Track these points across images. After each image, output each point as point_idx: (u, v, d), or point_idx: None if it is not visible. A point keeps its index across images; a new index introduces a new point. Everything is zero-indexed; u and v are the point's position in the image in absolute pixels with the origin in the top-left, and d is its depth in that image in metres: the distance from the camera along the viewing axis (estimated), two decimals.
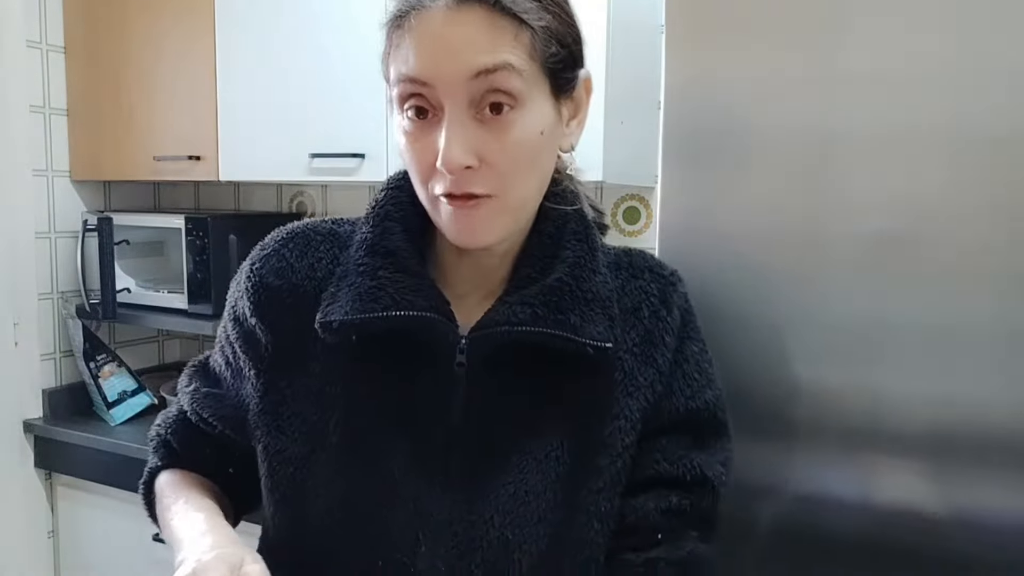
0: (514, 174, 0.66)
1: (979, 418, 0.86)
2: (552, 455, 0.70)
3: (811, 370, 0.93)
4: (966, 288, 0.86)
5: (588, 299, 0.71)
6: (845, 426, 0.92)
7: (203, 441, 0.81)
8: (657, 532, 0.71)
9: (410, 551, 0.68)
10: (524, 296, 0.70)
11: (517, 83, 0.64)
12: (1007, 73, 0.83)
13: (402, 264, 0.71)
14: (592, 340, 0.69)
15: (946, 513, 0.68)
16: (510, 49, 0.63)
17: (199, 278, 2.00)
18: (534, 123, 0.66)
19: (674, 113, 0.99)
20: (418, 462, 0.70)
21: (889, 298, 0.89)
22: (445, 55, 0.63)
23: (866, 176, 0.90)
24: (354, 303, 0.69)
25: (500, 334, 0.69)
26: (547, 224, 0.75)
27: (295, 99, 1.86)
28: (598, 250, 0.76)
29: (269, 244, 0.77)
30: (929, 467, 0.88)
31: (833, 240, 0.92)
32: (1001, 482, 0.85)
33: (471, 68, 0.62)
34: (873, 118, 0.89)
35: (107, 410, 2.12)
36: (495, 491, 0.69)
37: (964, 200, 0.85)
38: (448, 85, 0.63)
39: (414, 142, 0.67)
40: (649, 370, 0.74)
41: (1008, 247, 0.84)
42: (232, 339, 0.78)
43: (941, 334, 0.87)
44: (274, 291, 0.74)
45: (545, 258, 0.73)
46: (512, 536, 0.68)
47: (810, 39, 0.92)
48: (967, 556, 0.84)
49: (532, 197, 0.71)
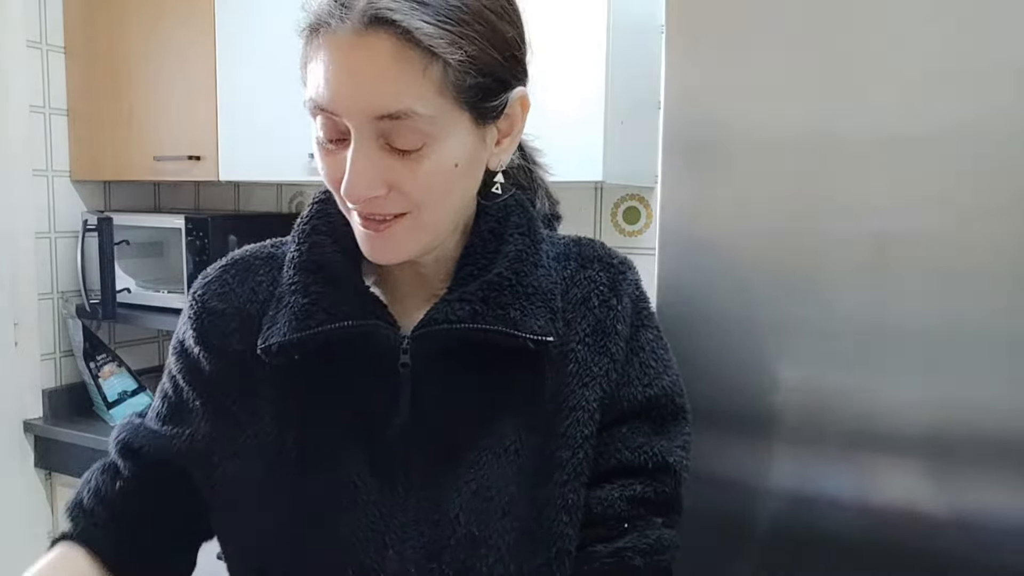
0: (427, 200, 0.65)
1: (978, 419, 0.86)
2: (511, 449, 0.70)
3: (811, 370, 0.93)
4: (965, 289, 0.86)
5: (529, 293, 0.71)
6: (844, 427, 0.92)
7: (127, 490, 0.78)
8: (623, 522, 0.71)
9: (379, 556, 0.68)
10: (464, 293, 0.70)
11: (424, 125, 0.61)
12: (1006, 73, 0.83)
13: (333, 276, 0.71)
14: (532, 334, 0.69)
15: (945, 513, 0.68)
16: (415, 90, 0.60)
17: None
18: (448, 156, 0.64)
19: (674, 113, 0.99)
20: (377, 467, 0.70)
21: (889, 298, 0.89)
22: (348, 89, 0.61)
23: (866, 177, 0.90)
24: (291, 323, 0.69)
25: (439, 332, 0.69)
26: (488, 220, 0.74)
27: (295, 99, 1.85)
28: (542, 243, 0.75)
29: (210, 272, 0.78)
30: (928, 467, 0.88)
31: (833, 240, 0.92)
32: (1000, 482, 0.85)
33: (373, 110, 0.60)
34: (873, 119, 0.89)
35: (107, 410, 2.12)
36: (457, 489, 0.69)
37: (964, 201, 0.85)
38: (352, 119, 0.61)
39: (326, 156, 0.66)
40: (603, 359, 0.73)
41: (1007, 247, 0.84)
42: (176, 373, 0.77)
43: (940, 335, 0.87)
44: (217, 315, 0.74)
45: (487, 254, 0.72)
46: (478, 532, 0.68)
47: (810, 40, 0.92)
48: (966, 556, 0.84)
49: (448, 219, 0.69)
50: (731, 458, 0.74)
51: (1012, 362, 0.84)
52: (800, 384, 0.95)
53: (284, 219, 2.29)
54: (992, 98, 0.84)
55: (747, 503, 0.97)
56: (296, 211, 2.33)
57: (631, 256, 0.84)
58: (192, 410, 0.75)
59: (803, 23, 0.92)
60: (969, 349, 0.86)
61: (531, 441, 0.71)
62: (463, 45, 0.61)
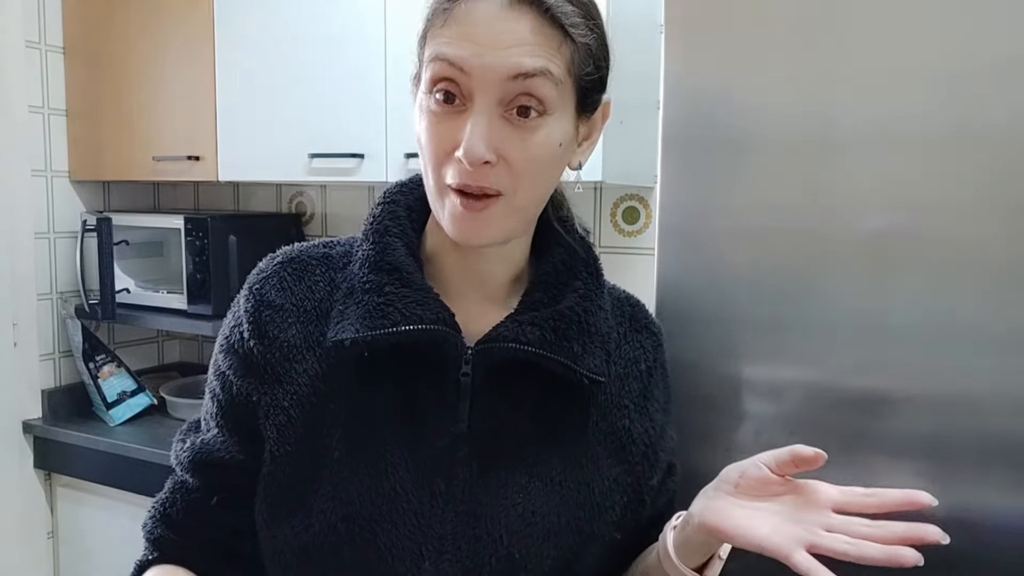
0: (528, 176, 0.67)
1: (979, 417, 0.86)
2: (557, 480, 0.73)
3: (811, 369, 0.93)
4: (966, 287, 0.86)
5: (591, 332, 0.74)
6: (844, 426, 0.92)
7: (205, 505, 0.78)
8: None
9: (414, 566, 0.68)
10: (535, 317, 0.72)
11: (551, 91, 0.65)
12: (1007, 71, 0.83)
13: (407, 279, 0.72)
14: (590, 372, 0.72)
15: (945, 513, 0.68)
16: (552, 58, 0.64)
17: (199, 278, 1.99)
18: (556, 133, 0.67)
19: (673, 113, 0.99)
20: (420, 475, 0.70)
21: (889, 297, 0.89)
22: (490, 48, 0.63)
23: (866, 175, 0.89)
24: (363, 320, 0.70)
25: (507, 350, 0.70)
26: (560, 252, 0.77)
27: (294, 99, 1.86)
28: (604, 287, 0.79)
29: (267, 268, 0.77)
30: (928, 467, 0.88)
31: (833, 239, 0.92)
32: (1001, 482, 0.85)
33: (512, 68, 0.63)
34: (873, 117, 0.89)
35: (106, 410, 2.12)
36: (504, 510, 0.70)
37: (964, 199, 0.85)
38: (484, 78, 0.63)
39: (437, 124, 0.66)
40: (646, 422, 0.79)
41: (1007, 246, 0.84)
42: (226, 370, 0.76)
43: (941, 333, 0.87)
44: (276, 308, 0.74)
45: (558, 284, 0.75)
46: (519, 555, 0.69)
47: (810, 38, 0.92)
48: (967, 556, 0.84)
49: (536, 204, 0.72)
50: (730, 458, 0.74)
51: (1013, 362, 0.84)
52: (800, 383, 0.95)
53: (284, 219, 2.30)
54: (993, 98, 0.83)
55: None
56: (296, 211, 2.33)
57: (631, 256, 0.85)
58: (247, 406, 0.74)
59: (803, 23, 0.92)
60: (970, 349, 0.86)
61: (575, 476, 0.74)
62: (589, 35, 0.67)
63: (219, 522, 0.77)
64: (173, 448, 0.81)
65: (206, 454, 0.76)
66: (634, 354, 0.80)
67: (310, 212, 2.31)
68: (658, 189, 1.02)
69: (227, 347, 0.76)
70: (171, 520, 0.79)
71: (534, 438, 0.73)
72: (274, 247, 0.81)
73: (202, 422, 0.80)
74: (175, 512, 0.78)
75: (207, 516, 0.77)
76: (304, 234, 2.29)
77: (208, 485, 0.77)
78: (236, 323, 0.76)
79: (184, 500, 0.78)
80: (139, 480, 1.93)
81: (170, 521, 0.79)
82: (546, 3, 0.64)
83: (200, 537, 0.78)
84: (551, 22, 0.64)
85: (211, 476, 0.77)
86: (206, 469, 0.77)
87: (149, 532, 0.80)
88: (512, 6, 0.63)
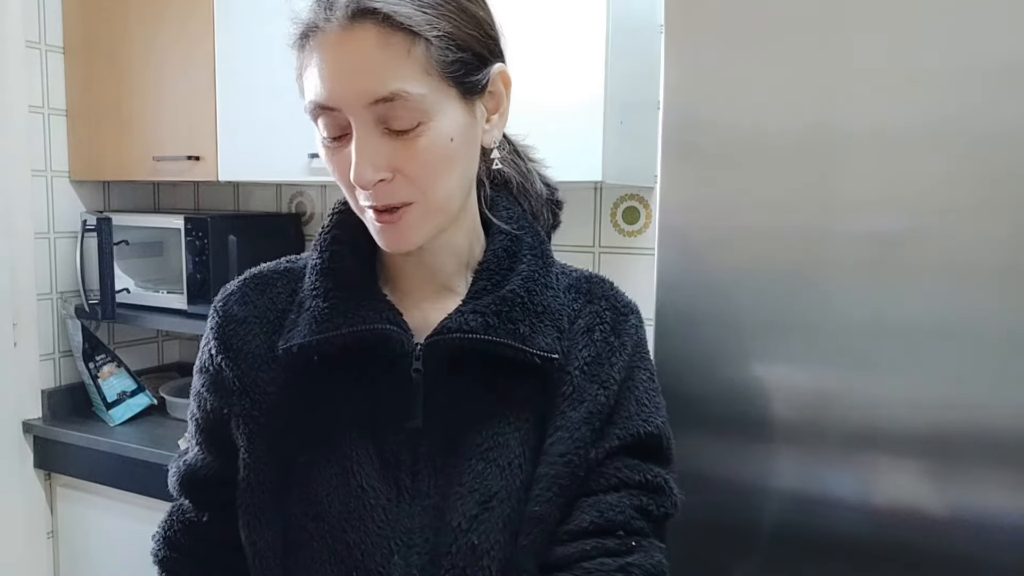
0: (430, 180, 0.68)
1: (979, 417, 0.86)
2: (515, 463, 0.72)
3: (811, 370, 0.93)
4: (966, 287, 0.86)
5: (539, 311, 0.74)
6: (845, 426, 0.92)
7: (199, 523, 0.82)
8: (633, 535, 0.72)
9: (384, 561, 0.70)
10: (478, 306, 0.73)
11: (416, 105, 0.64)
12: (1007, 71, 0.83)
13: (351, 282, 0.75)
14: (540, 351, 0.72)
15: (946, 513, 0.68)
16: (403, 71, 0.64)
17: (198, 278, 2.00)
18: (444, 131, 0.67)
19: (673, 113, 0.99)
20: (385, 471, 0.72)
21: (889, 297, 0.89)
22: (342, 82, 0.64)
23: (865, 175, 0.89)
24: (311, 325, 0.72)
25: (451, 341, 0.71)
26: (502, 239, 0.78)
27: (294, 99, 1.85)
28: (552, 266, 0.79)
29: (231, 287, 0.81)
30: (929, 467, 0.88)
31: (832, 239, 0.92)
32: (1002, 482, 0.85)
33: (366, 96, 0.64)
34: (872, 117, 0.89)
35: (106, 410, 2.12)
36: (461, 498, 0.70)
37: (964, 199, 0.85)
38: (350, 109, 0.65)
39: (332, 157, 0.69)
40: (594, 387, 0.75)
41: (1008, 245, 0.84)
42: (201, 390, 0.79)
43: (941, 333, 0.87)
44: (240, 321, 0.77)
45: (501, 271, 0.76)
46: (478, 541, 0.70)
47: (810, 39, 0.92)
48: (967, 556, 0.84)
49: (455, 196, 0.72)
50: (730, 458, 0.74)
51: (1014, 362, 0.84)
52: (800, 383, 0.95)
53: (284, 219, 2.30)
54: (994, 99, 0.83)
55: (747, 503, 0.97)
56: (296, 211, 2.33)
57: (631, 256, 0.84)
58: (221, 420, 0.77)
59: (803, 22, 0.92)
60: (970, 348, 0.86)
61: (530, 457, 0.73)
62: (440, 24, 0.65)
63: (215, 538, 0.81)
64: (170, 470, 0.84)
65: (190, 474, 0.81)
66: (588, 323, 0.78)
67: (310, 212, 2.31)
68: (658, 189, 1.02)
69: (200, 367, 0.80)
70: (173, 542, 0.83)
71: (490, 424, 0.73)
72: (274, 247, 0.83)
73: (186, 444, 0.84)
74: (174, 534, 0.83)
75: (203, 534, 0.82)
76: (304, 234, 2.29)
77: (198, 503, 0.82)
78: (206, 343, 0.80)
79: (180, 521, 0.83)
80: (139, 480, 1.93)
81: (172, 543, 0.83)
82: (382, 11, 0.63)
83: (201, 555, 0.82)
84: (393, 29, 0.63)
85: (199, 494, 0.81)
86: (194, 488, 0.81)
87: (155, 555, 0.84)
88: (352, 26, 0.63)
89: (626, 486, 0.74)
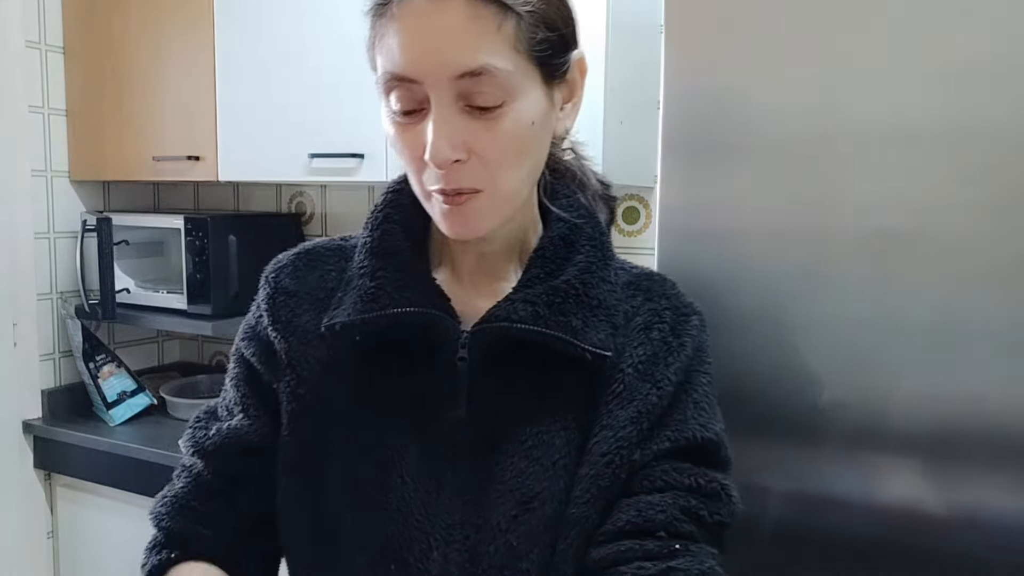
0: (504, 166, 0.65)
1: (982, 416, 0.85)
2: (559, 464, 0.68)
3: (812, 369, 0.93)
4: (968, 286, 0.86)
5: (593, 305, 0.70)
6: (846, 425, 0.92)
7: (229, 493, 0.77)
8: (676, 539, 0.66)
9: (423, 556, 0.67)
10: (528, 295, 0.69)
11: (502, 82, 0.62)
12: (1008, 70, 0.83)
13: (401, 263, 0.72)
14: (592, 346, 0.68)
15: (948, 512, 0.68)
16: (492, 46, 0.61)
17: (198, 278, 1.99)
18: (525, 114, 0.64)
19: (673, 113, 0.99)
20: (427, 464, 0.69)
21: (890, 296, 0.89)
22: (426, 53, 0.61)
23: (866, 175, 0.89)
24: (355, 305, 0.70)
25: (499, 330, 0.68)
26: (560, 227, 0.74)
27: (294, 99, 1.86)
28: (611, 259, 0.76)
29: (283, 258, 0.79)
30: (932, 466, 0.88)
31: (833, 239, 0.92)
32: (1004, 481, 0.85)
33: (452, 69, 0.61)
34: (873, 117, 0.89)
35: (106, 410, 2.12)
36: (501, 496, 0.67)
37: (966, 197, 0.85)
38: (433, 82, 0.62)
39: (403, 133, 0.66)
40: (646, 386, 0.70)
41: (1010, 244, 0.84)
42: (249, 357, 0.77)
43: (944, 332, 0.87)
44: (290, 294, 0.76)
45: (557, 260, 0.72)
46: (517, 543, 0.66)
47: (810, 38, 0.92)
48: (970, 555, 0.84)
49: (524, 187, 0.70)
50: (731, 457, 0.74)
51: (1016, 361, 0.84)
52: (801, 383, 0.95)
53: (284, 219, 2.30)
54: (994, 97, 0.83)
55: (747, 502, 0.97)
56: (296, 211, 2.33)
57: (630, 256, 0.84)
58: (268, 392, 0.75)
59: (803, 22, 0.92)
60: (972, 347, 0.86)
61: (575, 459, 0.69)
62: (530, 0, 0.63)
63: (244, 510, 0.76)
64: (190, 436, 0.79)
65: (235, 439, 0.76)
66: (645, 321, 0.73)
67: (310, 212, 2.31)
68: (658, 189, 1.02)
69: (250, 334, 0.78)
70: (193, 511, 0.76)
71: (536, 421, 0.69)
72: (274, 247, 0.82)
73: (221, 410, 0.80)
74: (197, 502, 0.76)
75: (232, 504, 0.76)
76: (304, 234, 2.29)
77: (233, 473, 0.76)
78: (256, 311, 0.78)
79: (206, 489, 0.77)
80: (139, 480, 1.93)
81: (192, 512, 0.76)
82: None
83: (225, 526, 0.76)
84: (484, 1, 0.60)
85: (237, 463, 0.76)
86: (233, 456, 0.76)
87: (167, 526, 0.76)
88: None
89: (673, 488, 0.68)
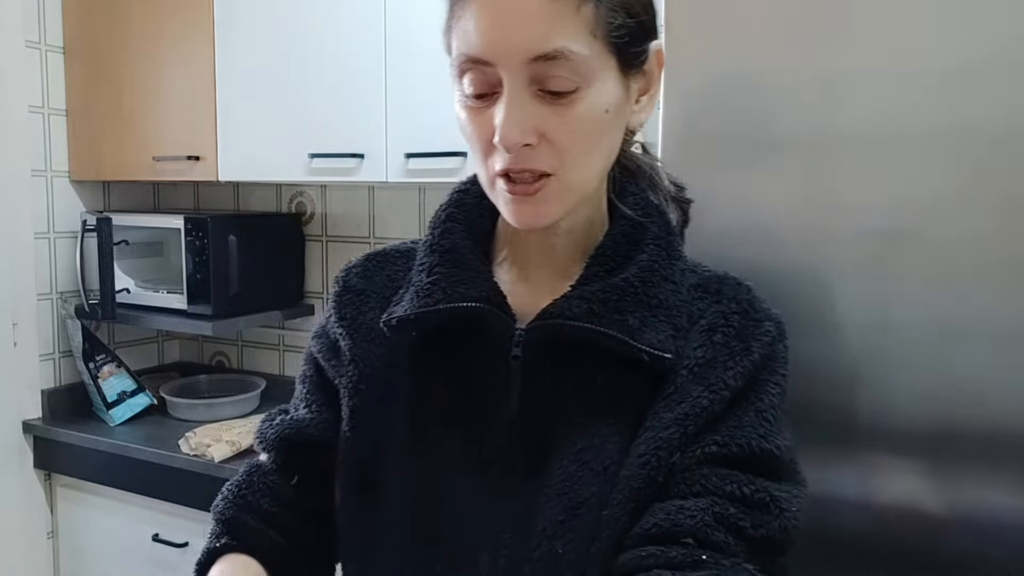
0: (576, 153, 0.64)
1: (982, 417, 0.85)
2: (611, 469, 0.65)
3: (812, 369, 0.93)
4: (969, 286, 0.86)
5: (653, 305, 0.68)
6: (846, 425, 0.92)
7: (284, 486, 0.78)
8: (706, 551, 0.61)
9: (472, 559, 0.67)
10: (585, 292, 0.68)
11: (579, 65, 0.61)
12: (1009, 70, 0.83)
13: (459, 260, 0.72)
14: (649, 347, 0.65)
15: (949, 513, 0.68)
16: (568, 30, 0.60)
17: (198, 278, 1.99)
18: (599, 101, 0.63)
19: (674, 113, 0.99)
20: (477, 464, 0.68)
21: (891, 297, 0.89)
22: (502, 35, 0.60)
23: (867, 175, 0.89)
24: (412, 300, 0.71)
25: (552, 327, 0.67)
26: (624, 224, 0.72)
27: (294, 99, 1.86)
28: (678, 260, 0.73)
29: (354, 260, 0.82)
30: (932, 466, 0.88)
31: (834, 239, 0.92)
32: (1005, 481, 0.85)
33: (528, 52, 0.60)
34: (874, 117, 0.89)
35: (106, 410, 2.12)
36: (550, 500, 0.65)
37: (967, 198, 0.85)
38: (506, 65, 0.61)
39: (474, 117, 0.65)
40: (698, 388, 0.66)
41: (1011, 244, 0.84)
42: (316, 354, 0.79)
43: (944, 332, 0.87)
44: (357, 292, 0.78)
45: (618, 257, 0.70)
46: (563, 550, 0.64)
47: (810, 39, 0.92)
48: (969, 555, 0.84)
49: (593, 176, 0.68)
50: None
51: (1016, 360, 0.84)
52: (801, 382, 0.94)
53: (284, 219, 2.29)
54: (996, 97, 0.83)
55: None
56: (296, 211, 2.33)
57: None
58: (332, 388, 0.77)
59: (804, 22, 0.92)
60: (973, 347, 0.86)
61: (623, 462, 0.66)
62: None
63: (298, 505, 0.77)
64: (258, 430, 0.81)
65: (294, 430, 0.77)
66: (710, 323, 0.70)
67: (310, 212, 2.31)
68: None
69: (319, 333, 0.80)
70: (248, 503, 0.77)
71: (589, 424, 0.66)
72: (274, 247, 0.83)
73: (290, 407, 0.82)
74: (252, 494, 0.77)
75: (286, 498, 0.77)
76: (304, 234, 2.29)
77: (290, 465, 0.78)
78: (327, 311, 0.80)
79: (263, 482, 0.78)
80: (139, 480, 1.93)
81: (247, 504, 0.77)
82: None
83: (277, 522, 0.76)
84: None
85: (294, 455, 0.78)
86: (291, 447, 0.78)
87: (221, 513, 0.77)
88: None
89: (711, 494, 0.63)
